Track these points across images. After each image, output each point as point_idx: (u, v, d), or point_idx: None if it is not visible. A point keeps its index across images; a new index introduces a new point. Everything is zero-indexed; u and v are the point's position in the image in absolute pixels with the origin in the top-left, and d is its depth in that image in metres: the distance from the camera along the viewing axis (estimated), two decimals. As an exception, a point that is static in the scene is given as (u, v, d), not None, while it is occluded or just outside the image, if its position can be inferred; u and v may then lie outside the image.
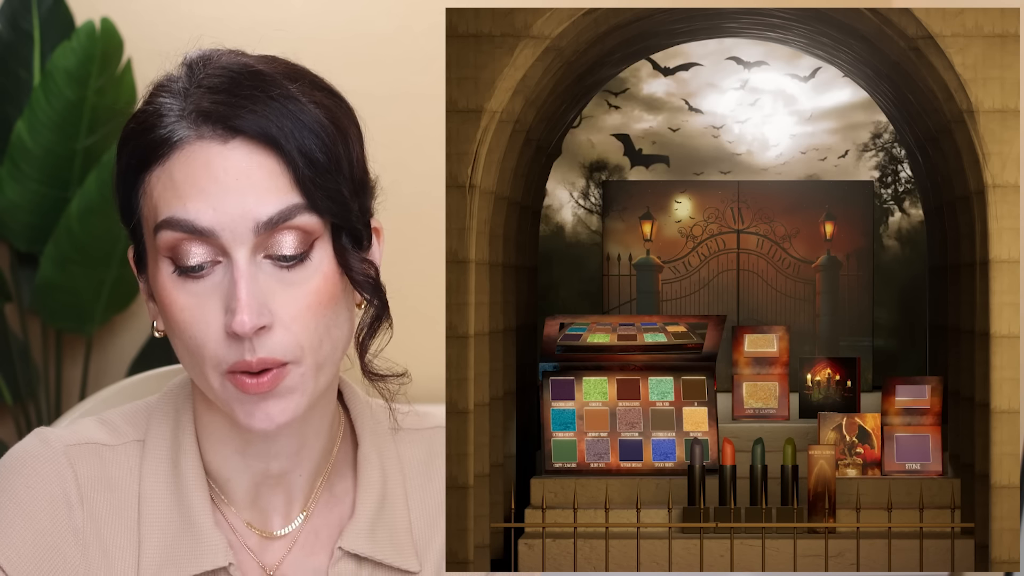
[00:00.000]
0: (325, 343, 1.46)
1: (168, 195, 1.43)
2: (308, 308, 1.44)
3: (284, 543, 1.56)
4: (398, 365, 1.57)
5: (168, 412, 1.57)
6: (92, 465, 1.53)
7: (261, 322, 1.41)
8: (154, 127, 1.45)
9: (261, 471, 1.54)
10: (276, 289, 1.43)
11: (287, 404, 1.45)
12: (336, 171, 1.46)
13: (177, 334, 1.45)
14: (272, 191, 1.43)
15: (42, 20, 4.06)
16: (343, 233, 1.48)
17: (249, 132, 1.43)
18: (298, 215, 1.43)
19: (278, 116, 1.44)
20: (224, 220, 1.41)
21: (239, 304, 1.40)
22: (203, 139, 1.43)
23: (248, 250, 1.42)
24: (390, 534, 1.58)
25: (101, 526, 1.51)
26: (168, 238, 1.43)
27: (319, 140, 1.45)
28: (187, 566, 1.51)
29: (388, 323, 1.54)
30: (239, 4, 4.29)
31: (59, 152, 3.96)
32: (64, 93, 3.91)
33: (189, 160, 1.43)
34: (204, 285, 1.43)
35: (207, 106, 1.43)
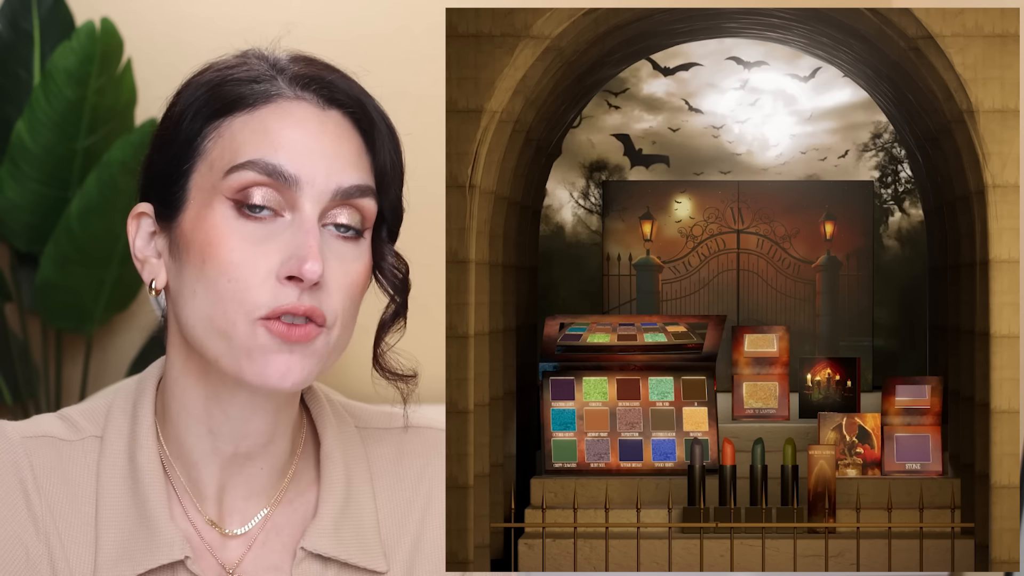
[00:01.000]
0: (350, 323, 1.50)
1: (257, 139, 1.47)
2: (351, 285, 1.49)
3: (243, 541, 1.56)
4: (409, 366, 1.60)
5: (126, 408, 1.57)
6: (49, 457, 1.53)
7: (323, 275, 1.45)
8: (245, 80, 1.49)
9: (230, 454, 1.54)
10: (329, 258, 1.47)
11: (305, 364, 1.46)
12: (399, 170, 1.56)
13: (215, 277, 1.45)
14: (356, 166, 1.50)
15: (42, 20, 4.06)
16: (384, 228, 1.54)
17: (347, 107, 1.51)
18: (368, 196, 1.50)
19: (369, 105, 1.53)
20: (310, 174, 1.46)
21: (311, 251, 1.44)
22: (302, 100, 1.49)
23: (320, 209, 1.47)
24: (356, 533, 1.57)
25: (58, 518, 1.51)
26: (246, 178, 1.45)
27: (393, 139, 1.55)
28: (143, 560, 1.50)
29: (403, 323, 1.57)
30: (239, 4, 4.29)
31: (59, 152, 3.96)
32: (64, 93, 3.91)
33: (286, 113, 1.48)
34: (263, 230, 1.45)
35: (308, 71, 1.51)
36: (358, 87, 1.54)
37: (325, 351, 1.47)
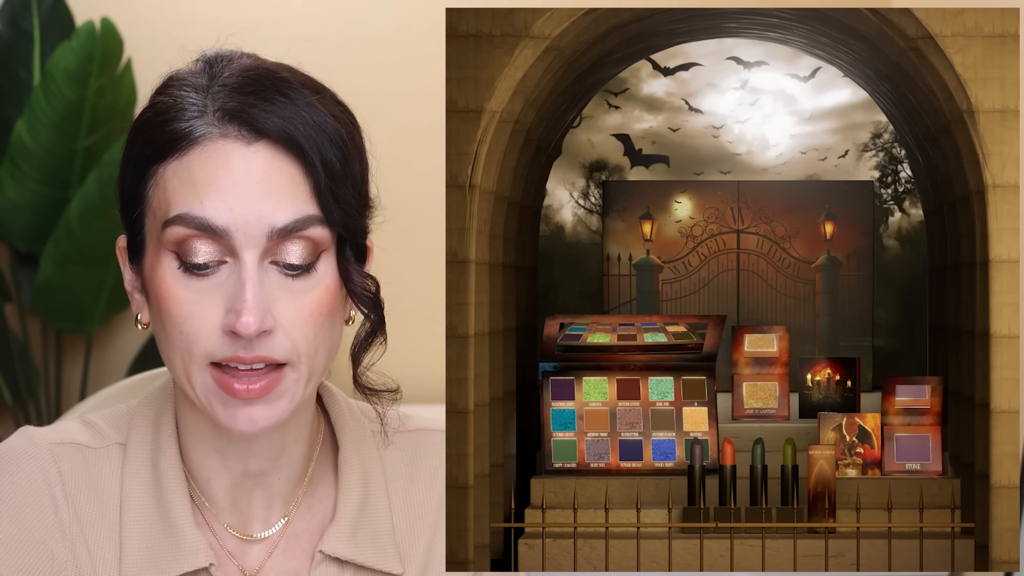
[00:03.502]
0: (320, 353, 1.47)
1: (184, 190, 1.43)
2: (310, 317, 1.45)
3: (264, 546, 1.56)
4: (392, 380, 1.57)
5: (149, 416, 1.57)
6: (75, 464, 1.53)
7: (264, 326, 1.42)
8: (174, 119, 1.44)
9: (240, 472, 1.54)
10: (279, 296, 1.44)
11: (272, 410, 1.45)
12: (350, 185, 1.47)
13: (168, 328, 1.45)
14: (291, 199, 1.43)
15: (42, 20, 4.07)
16: (347, 246, 1.48)
17: (274, 136, 1.43)
18: (312, 226, 1.44)
19: (304, 124, 1.44)
20: (239, 221, 1.42)
21: (245, 305, 1.40)
22: (227, 138, 1.43)
23: (258, 254, 1.42)
24: (372, 536, 1.57)
25: (85, 524, 1.52)
26: (178, 233, 1.43)
27: (339, 152, 1.46)
28: (168, 568, 1.51)
29: (383, 338, 1.54)
30: (239, 4, 4.29)
31: (59, 152, 3.96)
32: (64, 93, 3.91)
33: (210, 157, 1.43)
34: (207, 283, 1.43)
35: (233, 105, 1.44)
36: (290, 106, 1.44)
37: (293, 388, 1.46)
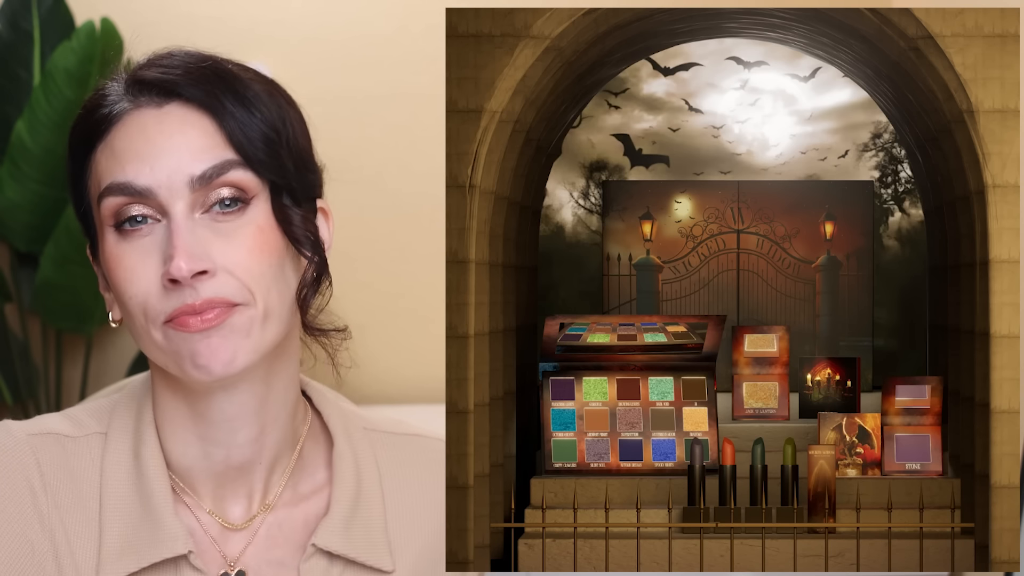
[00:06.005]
0: (273, 291, 1.49)
1: (110, 164, 1.49)
2: (249, 254, 1.48)
3: (245, 535, 1.57)
4: (339, 320, 1.59)
5: (130, 406, 1.59)
6: (54, 454, 1.54)
7: (199, 266, 1.45)
8: (97, 107, 1.51)
9: (222, 460, 1.55)
10: (213, 240, 1.47)
11: (231, 344, 1.47)
12: (272, 131, 1.51)
13: (122, 299, 1.48)
14: (206, 148, 1.48)
15: (42, 20, 4.07)
16: (283, 193, 1.52)
17: (185, 95, 1.49)
18: (232, 169, 1.49)
19: (214, 83, 1.50)
20: (160, 178, 1.46)
21: (175, 249, 1.44)
22: (140, 108, 1.50)
23: (185, 205, 1.47)
24: (365, 532, 1.58)
25: (64, 514, 1.53)
26: (111, 204, 1.48)
27: (255, 104, 1.51)
28: (147, 554, 1.52)
29: (328, 281, 1.57)
30: (239, 4, 4.29)
31: (59, 152, 3.96)
32: (64, 93, 3.91)
33: (127, 128, 1.49)
34: (143, 242, 1.47)
35: (144, 75, 1.51)
36: (197, 66, 1.51)
37: (251, 325, 1.48)
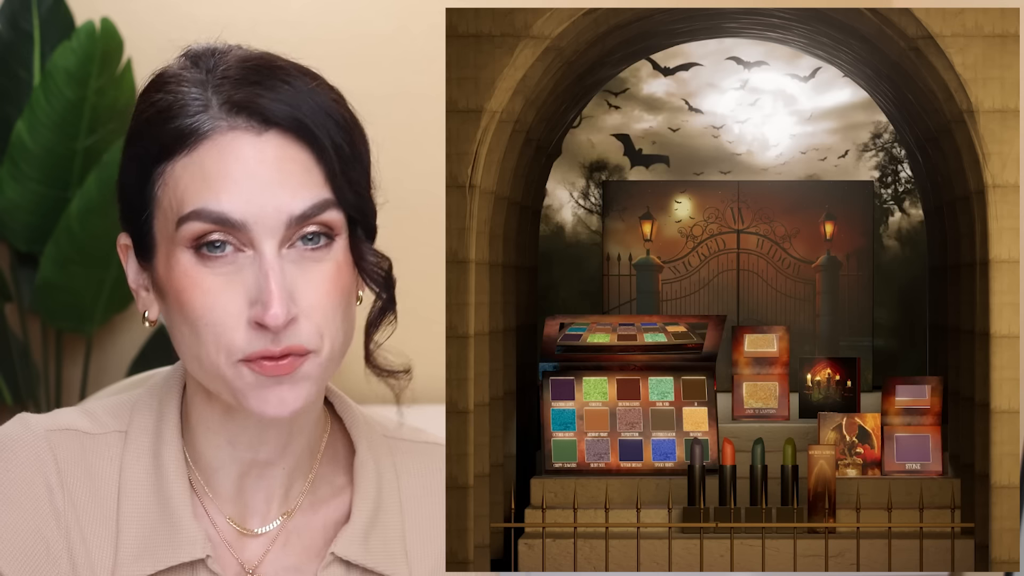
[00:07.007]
0: (340, 334, 1.47)
1: (197, 186, 1.43)
2: (327, 295, 1.45)
3: (263, 541, 1.56)
4: (406, 358, 1.57)
5: (152, 405, 1.57)
6: (72, 451, 1.52)
7: (291, 314, 1.42)
8: (178, 116, 1.44)
9: (248, 461, 1.54)
10: (297, 278, 1.43)
11: (300, 391, 1.45)
12: (359, 166, 1.48)
13: (193, 321, 1.44)
14: (306, 185, 1.44)
15: (42, 20, 4.07)
16: (358, 227, 1.49)
17: (284, 124, 1.43)
18: (327, 210, 1.45)
19: (310, 110, 1.44)
20: (257, 213, 1.42)
21: (271, 297, 1.40)
22: (236, 130, 1.43)
23: (276, 243, 1.42)
24: (383, 541, 1.57)
25: (80, 512, 1.51)
26: (195, 229, 1.42)
27: (347, 135, 1.46)
28: (164, 557, 1.50)
29: (393, 316, 1.54)
30: (239, 4, 4.29)
31: (59, 152, 3.96)
32: (64, 93, 3.91)
33: (222, 151, 1.43)
34: (226, 271, 1.43)
35: (240, 96, 1.43)
36: (295, 93, 1.45)
37: (318, 371, 1.46)
